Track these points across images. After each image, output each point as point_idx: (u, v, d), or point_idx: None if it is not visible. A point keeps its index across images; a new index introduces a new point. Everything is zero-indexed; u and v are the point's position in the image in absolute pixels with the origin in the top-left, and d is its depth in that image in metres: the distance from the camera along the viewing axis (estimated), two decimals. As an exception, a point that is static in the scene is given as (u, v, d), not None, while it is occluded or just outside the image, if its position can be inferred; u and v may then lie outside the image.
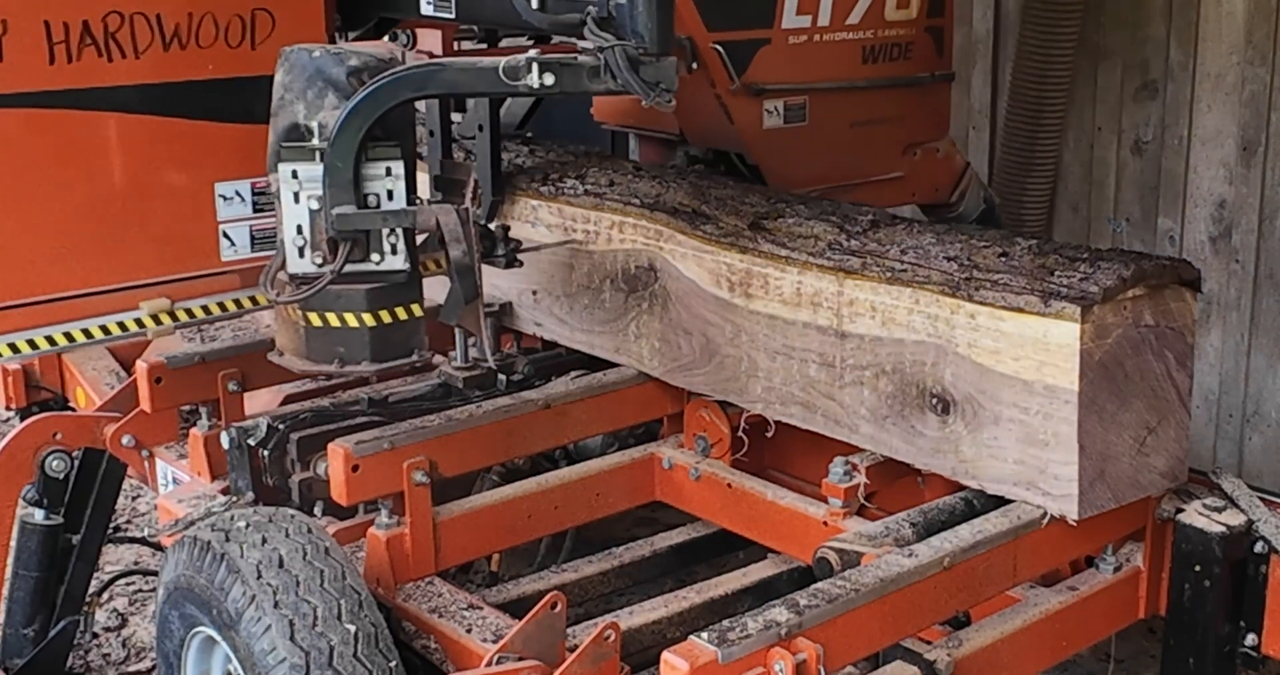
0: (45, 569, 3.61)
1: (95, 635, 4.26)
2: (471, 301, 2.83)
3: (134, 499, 5.16)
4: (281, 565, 2.68)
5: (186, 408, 3.62)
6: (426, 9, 3.59)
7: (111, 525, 3.95)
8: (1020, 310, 2.66)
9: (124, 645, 4.29)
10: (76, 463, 3.56)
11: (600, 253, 3.44)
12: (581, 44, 2.77)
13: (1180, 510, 2.86)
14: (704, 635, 2.27)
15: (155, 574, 3.50)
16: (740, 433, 3.26)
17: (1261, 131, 4.56)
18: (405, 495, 2.92)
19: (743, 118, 3.76)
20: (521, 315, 3.70)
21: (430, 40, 4.04)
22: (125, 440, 3.56)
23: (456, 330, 3.57)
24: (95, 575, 3.80)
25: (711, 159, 3.96)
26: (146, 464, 3.60)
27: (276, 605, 2.63)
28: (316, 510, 3.14)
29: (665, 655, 2.23)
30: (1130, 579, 2.93)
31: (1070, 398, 2.61)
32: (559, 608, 2.66)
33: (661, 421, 3.52)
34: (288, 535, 2.76)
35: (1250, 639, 2.84)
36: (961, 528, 2.69)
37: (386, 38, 4.05)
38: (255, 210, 3.61)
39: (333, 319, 2.82)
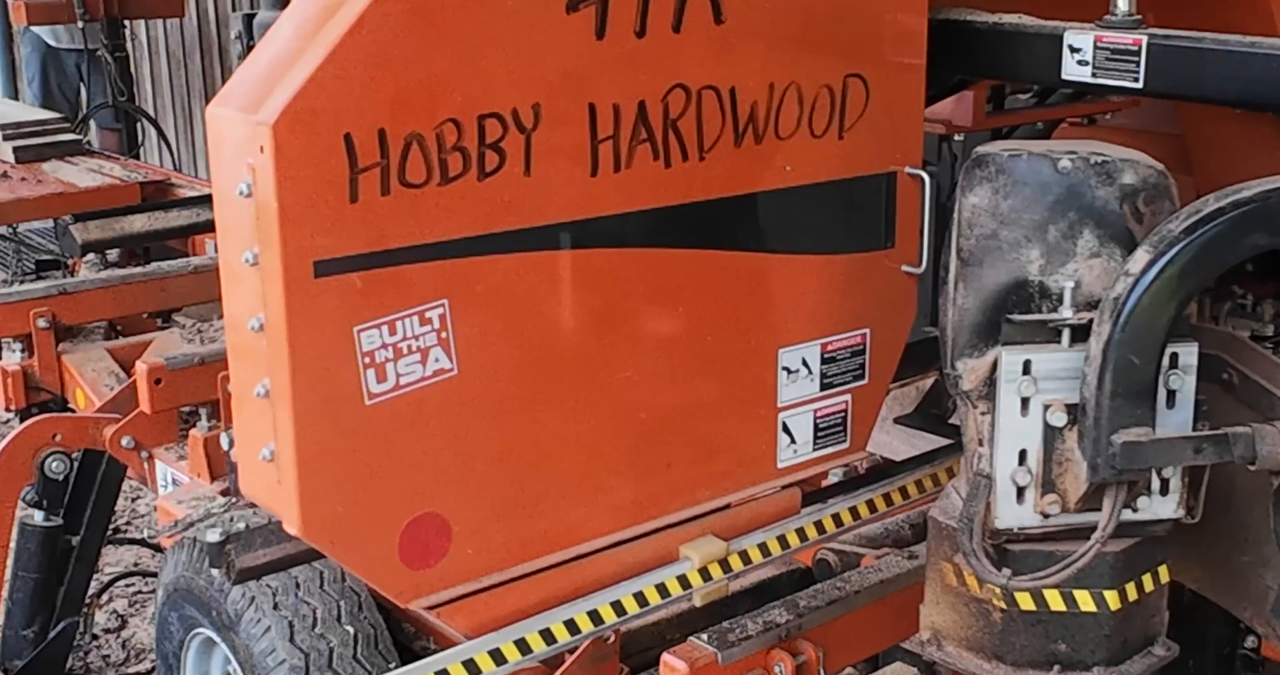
0: (45, 570, 3.62)
1: (95, 636, 4.27)
2: None
3: (134, 500, 5.16)
4: (281, 566, 2.69)
5: (186, 409, 3.62)
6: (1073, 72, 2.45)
7: (111, 526, 3.95)
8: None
9: (123, 646, 4.29)
10: (76, 464, 3.56)
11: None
12: None
13: (1180, 512, 2.85)
14: (703, 636, 2.27)
15: (155, 575, 3.51)
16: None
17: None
18: (405, 497, 2.91)
19: None
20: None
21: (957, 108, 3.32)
22: (125, 441, 3.56)
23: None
24: (95, 577, 3.80)
25: None
26: (146, 465, 3.60)
27: (276, 607, 2.63)
28: (316, 512, 3.14)
29: (665, 657, 2.23)
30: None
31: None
32: (559, 609, 2.65)
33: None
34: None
35: (1250, 641, 2.84)
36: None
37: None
38: (823, 386, 2.59)
39: (1054, 600, 1.99)
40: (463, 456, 2.21)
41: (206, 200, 4.97)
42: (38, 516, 3.57)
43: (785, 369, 2.52)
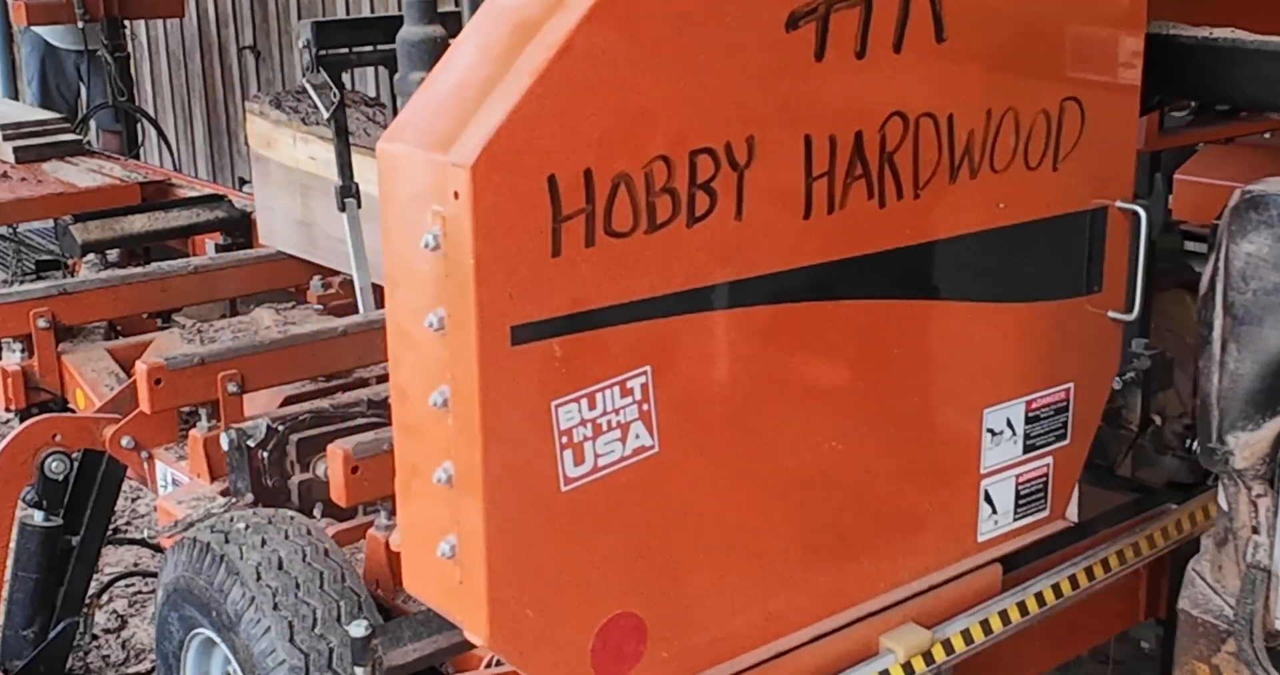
0: (45, 571, 3.61)
1: (95, 637, 4.27)
2: None
3: (133, 500, 5.16)
4: (281, 567, 2.68)
5: (186, 409, 3.62)
6: None
7: (111, 527, 3.95)
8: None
9: (123, 647, 4.29)
10: (76, 464, 3.56)
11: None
12: None
13: (1181, 512, 2.85)
14: None
15: (155, 575, 3.50)
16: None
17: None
18: (405, 497, 2.91)
19: None
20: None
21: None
22: (125, 442, 3.56)
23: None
24: (95, 577, 3.80)
25: None
26: (146, 465, 3.59)
27: (276, 607, 2.63)
28: (316, 512, 3.14)
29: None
30: (1129, 581, 2.93)
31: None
32: (559, 609, 2.65)
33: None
34: (287, 537, 2.76)
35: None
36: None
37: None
38: (1026, 448, 2.38)
39: None
40: (661, 546, 1.98)
41: (206, 200, 4.98)
42: (38, 516, 3.56)
43: (989, 431, 2.31)
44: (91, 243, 4.63)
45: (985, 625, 2.38)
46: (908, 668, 2.27)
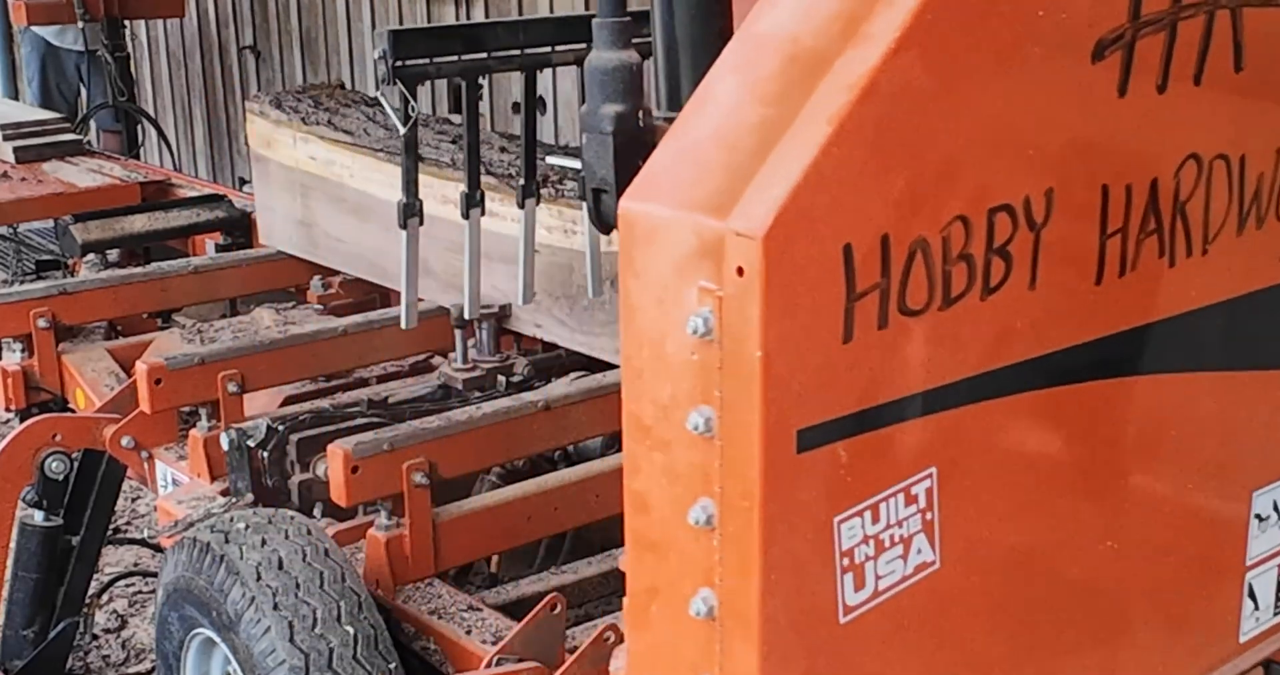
0: (45, 570, 3.61)
1: (95, 637, 4.27)
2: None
3: (133, 500, 5.16)
4: (281, 567, 2.68)
5: (186, 409, 3.62)
6: None
7: (111, 527, 3.95)
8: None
9: (123, 647, 4.29)
10: (76, 464, 3.56)
11: (601, 254, 3.44)
12: None
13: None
14: None
15: (155, 575, 3.50)
16: (741, 434, 3.23)
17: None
18: (405, 497, 2.92)
19: None
20: (521, 317, 3.70)
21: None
22: (125, 441, 3.56)
23: (456, 332, 3.58)
24: (95, 577, 3.80)
25: None
26: (146, 465, 3.59)
27: (276, 607, 2.63)
28: (316, 512, 3.14)
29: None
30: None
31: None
32: (559, 609, 2.66)
33: (662, 423, 3.49)
34: (287, 537, 2.76)
35: (1251, 641, 2.83)
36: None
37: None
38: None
39: None
40: None
41: (206, 200, 4.99)
42: (38, 516, 3.56)
43: (1257, 516, 2.08)
44: (91, 243, 4.64)
45: None
46: None
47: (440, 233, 3.85)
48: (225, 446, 3.23)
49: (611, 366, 3.48)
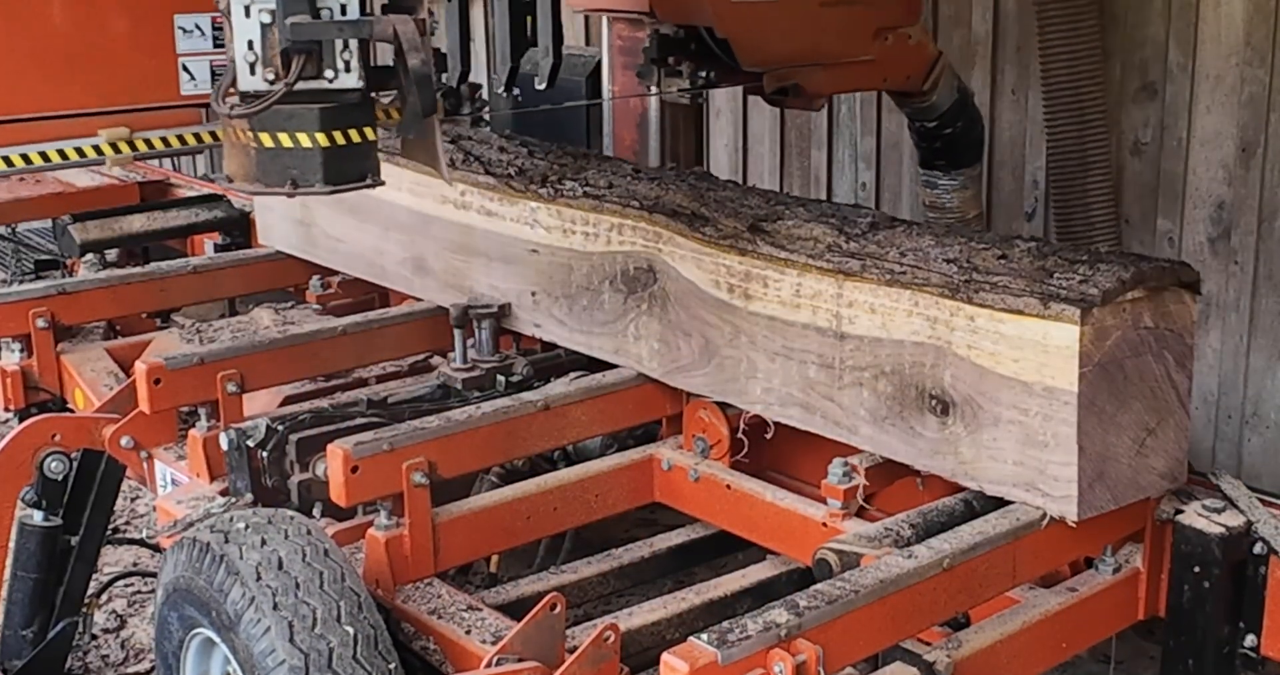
0: (44, 570, 3.61)
1: (94, 637, 4.26)
2: (430, 115, 2.79)
3: (133, 500, 5.16)
4: (281, 567, 2.68)
5: (185, 409, 3.62)
6: None
7: (110, 527, 3.95)
8: (1019, 312, 2.65)
9: (123, 646, 4.29)
10: (75, 464, 3.56)
11: (599, 254, 3.44)
12: None
13: (1180, 511, 2.86)
14: (704, 636, 2.27)
15: (154, 575, 3.50)
16: (739, 434, 3.26)
17: (1260, 133, 4.56)
18: (404, 496, 2.92)
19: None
20: (520, 316, 3.70)
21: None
22: (124, 441, 3.56)
23: (455, 332, 3.58)
24: (94, 577, 3.80)
25: (682, 37, 3.96)
26: (145, 465, 3.60)
27: (276, 607, 2.63)
28: (315, 511, 3.14)
29: (665, 657, 2.23)
30: (1129, 580, 2.93)
31: (1070, 399, 2.61)
32: (558, 609, 2.66)
33: (661, 423, 3.52)
34: (287, 537, 2.76)
35: (1249, 640, 2.84)
36: (962, 528, 2.69)
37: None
38: (216, 45, 3.78)
39: (284, 139, 2.73)
40: None
41: (205, 200, 4.99)
42: (37, 516, 3.56)
43: (181, 28, 2.98)
44: (90, 242, 4.64)
45: (181, 139, 3.23)
46: (114, 147, 2.82)
47: (440, 233, 3.86)
48: (224, 446, 3.23)
49: (609, 366, 3.49)
